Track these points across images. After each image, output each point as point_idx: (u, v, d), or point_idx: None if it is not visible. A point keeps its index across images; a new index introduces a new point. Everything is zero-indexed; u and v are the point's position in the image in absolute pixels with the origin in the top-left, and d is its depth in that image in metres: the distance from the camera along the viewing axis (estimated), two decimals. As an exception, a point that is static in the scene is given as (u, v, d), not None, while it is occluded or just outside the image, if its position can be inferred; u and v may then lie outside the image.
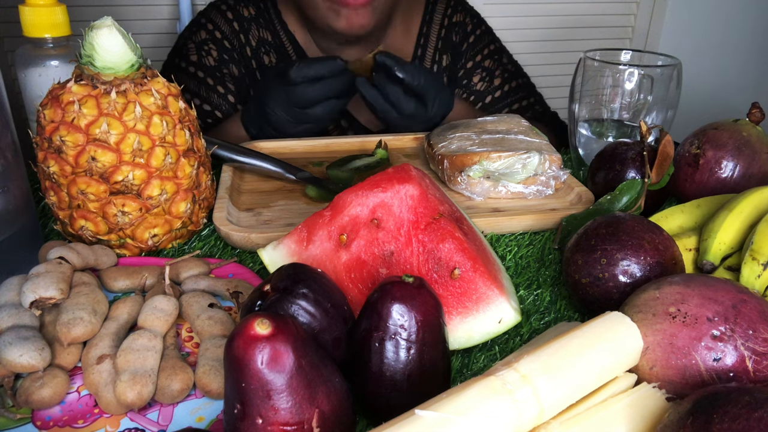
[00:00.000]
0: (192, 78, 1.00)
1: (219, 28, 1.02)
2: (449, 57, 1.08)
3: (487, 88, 1.08)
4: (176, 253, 0.63)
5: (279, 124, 0.85)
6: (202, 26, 1.02)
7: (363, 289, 0.51)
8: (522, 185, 0.73)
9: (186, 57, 1.01)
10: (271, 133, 0.88)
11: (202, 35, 1.02)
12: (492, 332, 0.49)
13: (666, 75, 0.78)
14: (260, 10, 1.04)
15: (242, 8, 1.03)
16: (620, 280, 0.49)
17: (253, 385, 0.34)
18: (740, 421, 0.30)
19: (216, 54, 1.01)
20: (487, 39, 1.10)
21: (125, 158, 0.57)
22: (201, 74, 1.00)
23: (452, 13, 1.08)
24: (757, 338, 0.38)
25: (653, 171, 0.64)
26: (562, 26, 2.06)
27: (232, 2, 1.03)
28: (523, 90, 1.11)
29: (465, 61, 1.08)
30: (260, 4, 1.04)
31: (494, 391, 0.34)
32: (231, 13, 1.02)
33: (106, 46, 0.56)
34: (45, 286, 0.48)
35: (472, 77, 1.08)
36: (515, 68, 1.12)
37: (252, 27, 1.03)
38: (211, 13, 1.03)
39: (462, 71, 1.08)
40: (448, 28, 1.08)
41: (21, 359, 0.43)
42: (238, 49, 1.02)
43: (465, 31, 1.08)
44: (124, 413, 0.43)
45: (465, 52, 1.08)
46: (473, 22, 1.09)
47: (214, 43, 1.01)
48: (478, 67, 1.08)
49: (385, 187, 0.52)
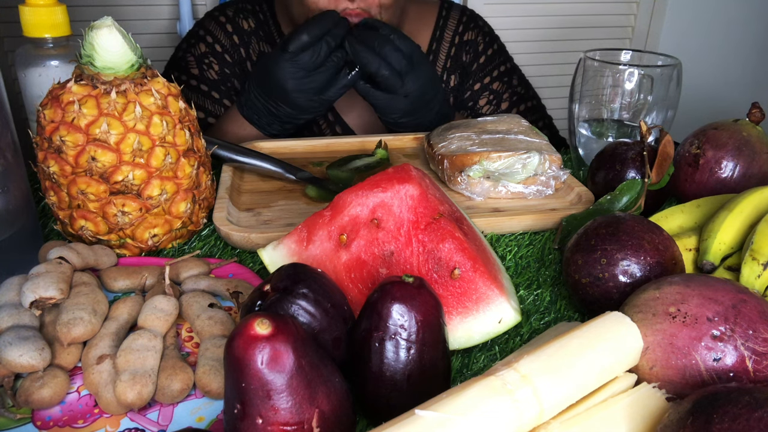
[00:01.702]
0: (195, 91, 0.98)
1: (219, 41, 0.99)
2: (458, 77, 1.04)
3: (494, 112, 1.04)
4: (176, 253, 0.63)
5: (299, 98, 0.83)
6: (201, 39, 1.00)
7: (363, 289, 0.51)
8: (522, 185, 0.73)
9: (186, 70, 0.99)
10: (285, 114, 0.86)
11: (201, 48, 0.99)
12: (492, 332, 0.49)
13: (666, 75, 0.78)
14: (260, 23, 1.01)
15: (242, 21, 1.00)
16: (620, 280, 0.50)
17: (253, 385, 0.34)
18: (740, 421, 0.30)
19: (218, 68, 0.99)
20: (498, 60, 1.05)
21: (125, 158, 0.57)
22: (205, 88, 0.98)
23: (464, 31, 1.04)
24: (757, 338, 0.38)
25: (653, 171, 0.64)
26: (562, 26, 2.06)
27: (231, 14, 1.01)
28: (532, 114, 1.06)
29: (473, 83, 1.04)
30: (260, 16, 1.01)
31: (494, 391, 0.34)
32: (230, 26, 1.00)
33: (106, 46, 0.56)
34: (45, 286, 0.48)
35: (479, 100, 1.04)
36: (525, 90, 1.07)
37: (252, 40, 1.00)
38: (209, 24, 1.00)
39: (468, 92, 1.04)
40: (459, 47, 1.03)
41: (21, 359, 0.43)
42: (239, 63, 1.00)
43: (476, 51, 1.04)
44: (124, 413, 0.43)
45: (474, 73, 1.04)
46: (485, 41, 1.05)
47: (214, 57, 0.99)
48: (485, 90, 1.04)
49: (385, 187, 0.52)
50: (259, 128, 0.89)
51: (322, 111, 0.87)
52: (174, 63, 1.01)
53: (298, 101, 0.84)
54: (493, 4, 1.94)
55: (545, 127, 1.07)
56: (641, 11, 2.12)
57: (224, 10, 1.02)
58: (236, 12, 1.01)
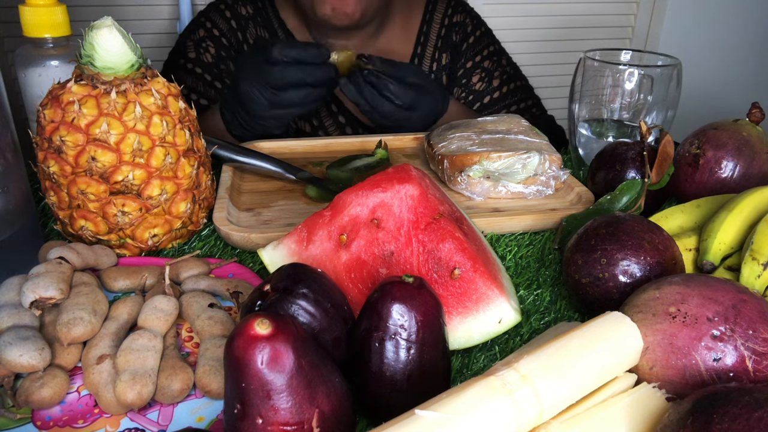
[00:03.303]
0: (189, 74, 1.01)
1: (217, 26, 1.03)
2: (449, 56, 1.09)
3: (486, 89, 1.09)
4: (176, 253, 0.63)
5: (251, 104, 0.82)
6: (201, 25, 1.04)
7: (363, 289, 0.51)
8: (522, 185, 0.73)
9: (184, 54, 1.02)
10: (242, 119, 0.85)
11: (200, 33, 1.03)
12: (492, 332, 0.49)
13: (666, 75, 0.78)
14: (258, 9, 1.05)
15: (240, 7, 1.04)
16: (620, 280, 0.49)
17: (253, 385, 0.34)
18: (740, 421, 0.30)
19: (214, 51, 1.02)
20: (487, 40, 1.11)
21: (125, 158, 0.57)
22: (199, 70, 1.01)
23: (452, 14, 1.09)
24: (757, 338, 0.38)
25: (653, 171, 0.64)
26: (562, 26, 2.06)
27: (230, 1, 1.04)
28: (522, 92, 1.11)
29: (465, 61, 1.09)
30: (258, 3, 1.05)
31: (494, 391, 0.34)
32: (229, 12, 1.04)
33: (106, 46, 0.56)
34: (45, 286, 0.48)
35: (472, 77, 1.09)
36: (514, 70, 1.12)
37: (249, 25, 1.04)
38: (209, 12, 1.05)
39: (461, 70, 1.09)
40: (449, 28, 1.09)
41: (21, 359, 0.43)
42: (236, 46, 1.03)
43: (465, 32, 1.09)
44: (124, 413, 0.43)
45: (465, 52, 1.09)
46: (473, 23, 1.10)
47: (212, 41, 1.02)
48: (477, 68, 1.09)
49: (385, 187, 0.52)
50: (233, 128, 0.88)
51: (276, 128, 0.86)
52: (176, 48, 1.05)
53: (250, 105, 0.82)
54: (493, 4, 1.94)
55: (534, 106, 1.12)
56: (641, 11, 2.12)
57: None
58: None
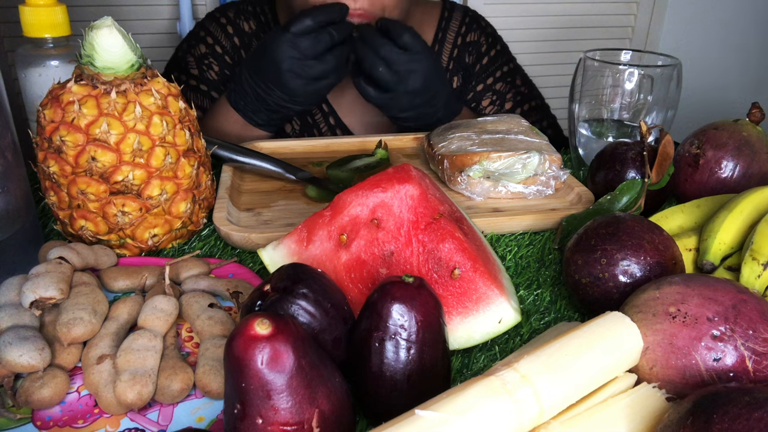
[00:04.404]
0: (194, 91, 0.98)
1: (219, 42, 0.99)
2: (460, 78, 1.04)
3: (497, 113, 1.03)
4: (176, 253, 0.63)
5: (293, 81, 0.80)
6: (202, 40, 1.00)
7: (363, 289, 0.51)
8: (522, 185, 0.73)
9: (186, 71, 0.99)
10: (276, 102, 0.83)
11: (201, 49, 0.99)
12: (492, 332, 0.49)
13: (666, 75, 0.78)
14: (261, 24, 1.01)
15: (242, 22, 1.00)
16: (620, 280, 0.49)
17: (253, 385, 0.34)
18: (740, 421, 0.30)
19: (217, 68, 0.99)
20: (501, 60, 1.05)
21: (125, 158, 0.57)
22: (204, 88, 0.98)
23: (466, 32, 1.03)
24: (757, 338, 0.38)
25: (653, 171, 0.64)
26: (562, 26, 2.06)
27: (231, 15, 1.00)
28: (537, 113, 1.06)
29: (475, 84, 1.04)
30: (261, 18, 1.01)
31: (494, 391, 0.34)
32: (231, 27, 1.00)
33: (106, 46, 0.56)
34: (45, 286, 0.48)
35: (482, 101, 1.04)
36: (529, 90, 1.07)
37: (253, 42, 1.00)
38: (210, 26, 1.01)
39: (471, 93, 1.04)
40: (461, 48, 1.03)
41: (21, 359, 0.43)
42: (239, 64, 0.99)
43: (479, 52, 1.03)
44: (124, 413, 0.43)
45: (477, 74, 1.04)
46: (488, 42, 1.04)
47: (214, 58, 0.99)
48: (488, 90, 1.03)
49: (385, 187, 0.52)
50: (245, 116, 0.87)
51: (314, 102, 0.85)
52: (174, 63, 1.01)
53: (291, 84, 0.81)
54: (494, 4, 1.94)
55: (549, 127, 1.07)
56: (641, 11, 2.13)
57: (225, 11, 1.02)
58: (237, 13, 1.01)
